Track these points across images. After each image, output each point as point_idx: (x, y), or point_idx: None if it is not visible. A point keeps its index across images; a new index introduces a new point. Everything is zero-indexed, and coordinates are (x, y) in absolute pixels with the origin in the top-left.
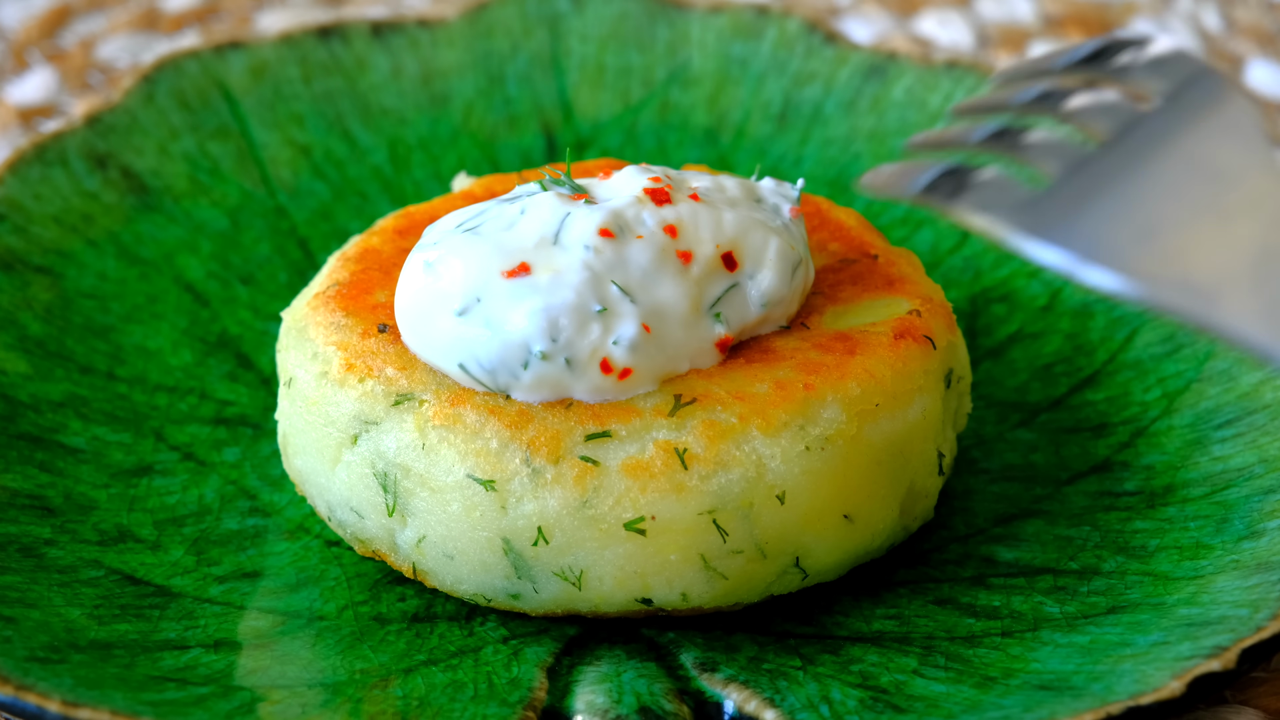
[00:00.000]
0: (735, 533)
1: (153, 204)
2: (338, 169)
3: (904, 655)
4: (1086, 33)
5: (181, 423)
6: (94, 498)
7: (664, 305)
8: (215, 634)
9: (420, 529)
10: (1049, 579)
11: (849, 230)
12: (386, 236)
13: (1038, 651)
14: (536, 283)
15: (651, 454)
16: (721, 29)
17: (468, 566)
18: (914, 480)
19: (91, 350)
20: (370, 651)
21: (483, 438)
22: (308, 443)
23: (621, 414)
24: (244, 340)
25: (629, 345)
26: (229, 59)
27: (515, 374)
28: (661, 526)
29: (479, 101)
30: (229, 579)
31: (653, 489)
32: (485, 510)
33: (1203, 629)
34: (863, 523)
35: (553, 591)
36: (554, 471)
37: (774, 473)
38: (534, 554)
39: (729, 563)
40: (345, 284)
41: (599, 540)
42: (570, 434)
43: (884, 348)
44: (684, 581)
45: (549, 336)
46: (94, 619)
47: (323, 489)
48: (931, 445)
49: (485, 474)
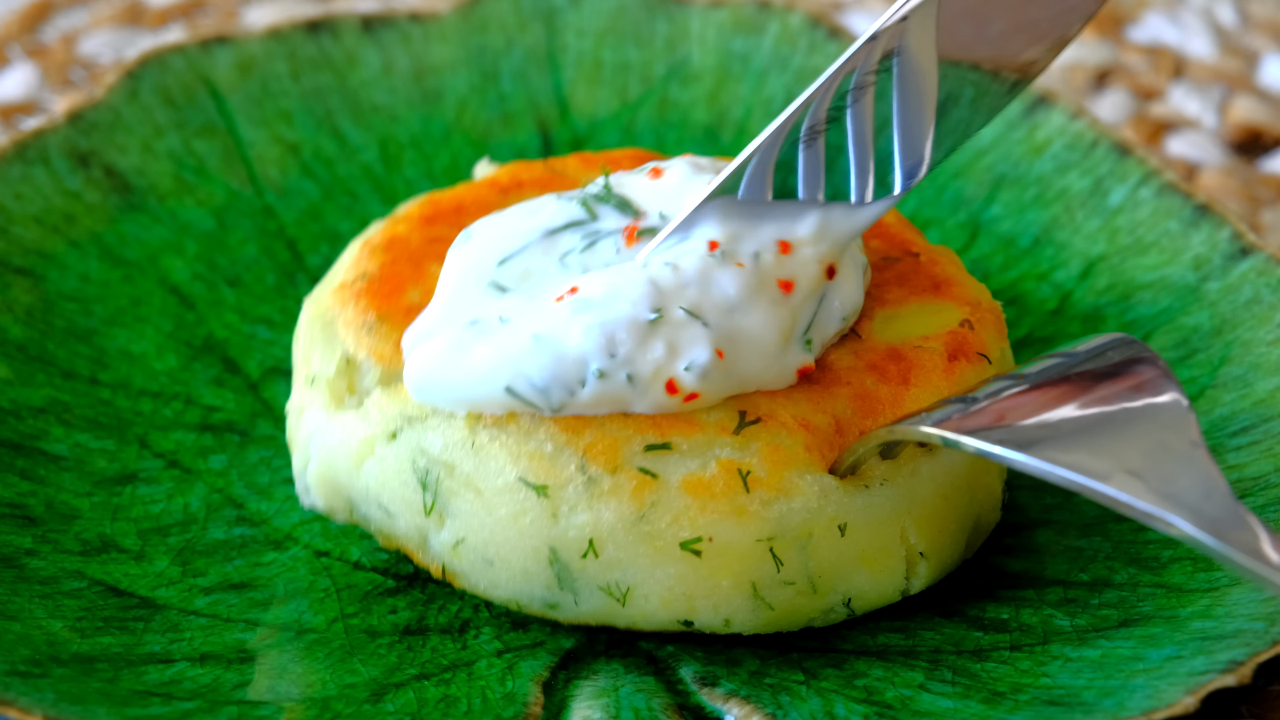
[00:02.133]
0: (790, 563)
1: (137, 204)
2: (327, 168)
3: (910, 669)
4: (1096, 28)
5: (166, 429)
6: (76, 506)
7: (749, 333)
8: (201, 647)
9: (459, 531)
10: (1059, 591)
11: (888, 227)
12: (413, 224)
13: (1048, 666)
14: (589, 298)
15: (714, 473)
16: (722, 23)
17: (507, 573)
18: (980, 515)
19: (74, 354)
20: (360, 665)
21: (537, 439)
22: (334, 434)
23: (683, 426)
24: (230, 344)
25: (700, 372)
26: (215, 54)
27: (571, 392)
28: (718, 549)
29: (472, 98)
30: (215, 590)
31: (713, 509)
32: (535, 517)
33: (1217, 643)
34: (934, 560)
35: (593, 605)
36: (611, 482)
37: (837, 504)
38: (581, 566)
39: (778, 593)
40: (375, 277)
41: (652, 558)
42: (629, 442)
43: (939, 372)
44: (730, 607)
45: (607, 352)
46: (76, 631)
47: (343, 485)
48: (995, 475)
49: (538, 479)
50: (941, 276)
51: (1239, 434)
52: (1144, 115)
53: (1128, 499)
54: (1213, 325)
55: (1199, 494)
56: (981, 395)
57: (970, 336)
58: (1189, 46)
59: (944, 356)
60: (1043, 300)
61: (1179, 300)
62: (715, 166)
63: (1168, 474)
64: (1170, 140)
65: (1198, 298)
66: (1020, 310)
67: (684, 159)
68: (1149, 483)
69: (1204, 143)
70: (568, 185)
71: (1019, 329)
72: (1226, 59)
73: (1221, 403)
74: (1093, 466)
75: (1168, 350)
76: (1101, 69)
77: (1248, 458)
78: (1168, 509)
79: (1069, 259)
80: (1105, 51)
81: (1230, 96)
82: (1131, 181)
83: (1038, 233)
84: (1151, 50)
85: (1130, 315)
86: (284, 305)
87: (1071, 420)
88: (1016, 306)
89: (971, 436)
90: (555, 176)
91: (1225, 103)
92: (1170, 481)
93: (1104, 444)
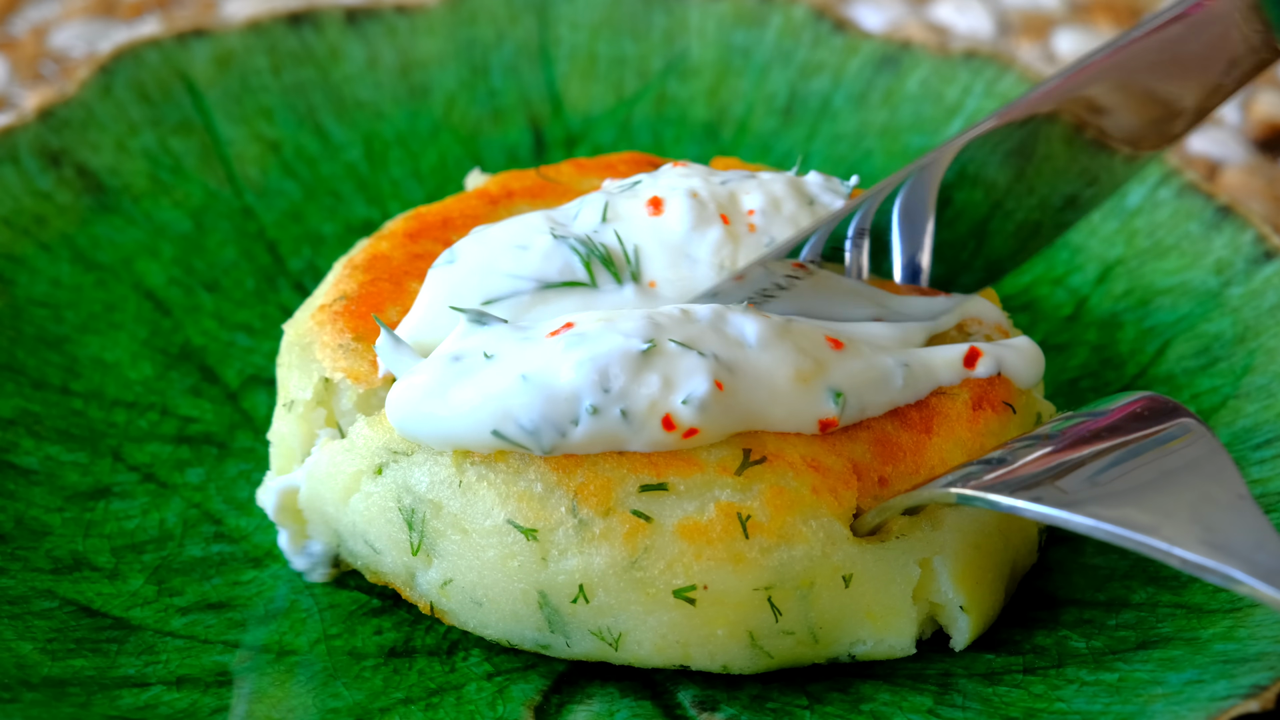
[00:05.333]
0: (790, 613)
1: (110, 204)
2: (309, 167)
3: (918, 693)
4: (1114, 19)
5: (141, 441)
6: (47, 522)
7: (756, 367)
8: (178, 670)
9: (447, 572)
10: (1074, 611)
11: None
12: (397, 241)
13: (1062, 690)
14: (584, 333)
15: (711, 517)
16: (722, 16)
17: (496, 614)
18: (1016, 560)
19: (44, 363)
20: (344, 689)
21: (526, 479)
22: (319, 467)
23: (681, 465)
24: (208, 352)
25: (699, 405)
26: (192, 48)
27: (563, 432)
28: (713, 598)
29: (461, 94)
30: (192, 610)
31: (709, 556)
32: (524, 561)
33: (1240, 666)
34: (976, 612)
35: (586, 648)
36: (603, 525)
37: (844, 554)
38: (571, 611)
39: (777, 642)
40: (353, 297)
41: (644, 605)
42: (623, 483)
43: (963, 421)
44: (726, 655)
45: (600, 388)
46: (47, 654)
47: (331, 518)
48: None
49: (527, 521)
50: None
51: (1263, 446)
52: None
53: (1180, 552)
54: (1235, 332)
55: (1251, 544)
56: (1011, 455)
57: (997, 385)
58: None
59: (969, 405)
60: (1058, 306)
61: (1200, 306)
62: (708, 177)
63: (1217, 525)
64: (1191, 137)
65: (1220, 303)
66: (1034, 316)
67: (680, 179)
68: (1199, 535)
69: (1226, 140)
70: (561, 194)
71: (1033, 335)
72: None
73: (1244, 414)
74: (1140, 520)
75: (1188, 358)
76: None
77: (1272, 471)
78: (1223, 561)
79: (1085, 263)
80: None
81: (1253, 92)
82: (1151, 182)
83: None
84: None
85: (1149, 322)
86: (264, 311)
87: (1111, 477)
88: (1030, 312)
89: (1011, 496)
90: (549, 185)
91: (1248, 98)
92: (1220, 533)
93: (1148, 498)
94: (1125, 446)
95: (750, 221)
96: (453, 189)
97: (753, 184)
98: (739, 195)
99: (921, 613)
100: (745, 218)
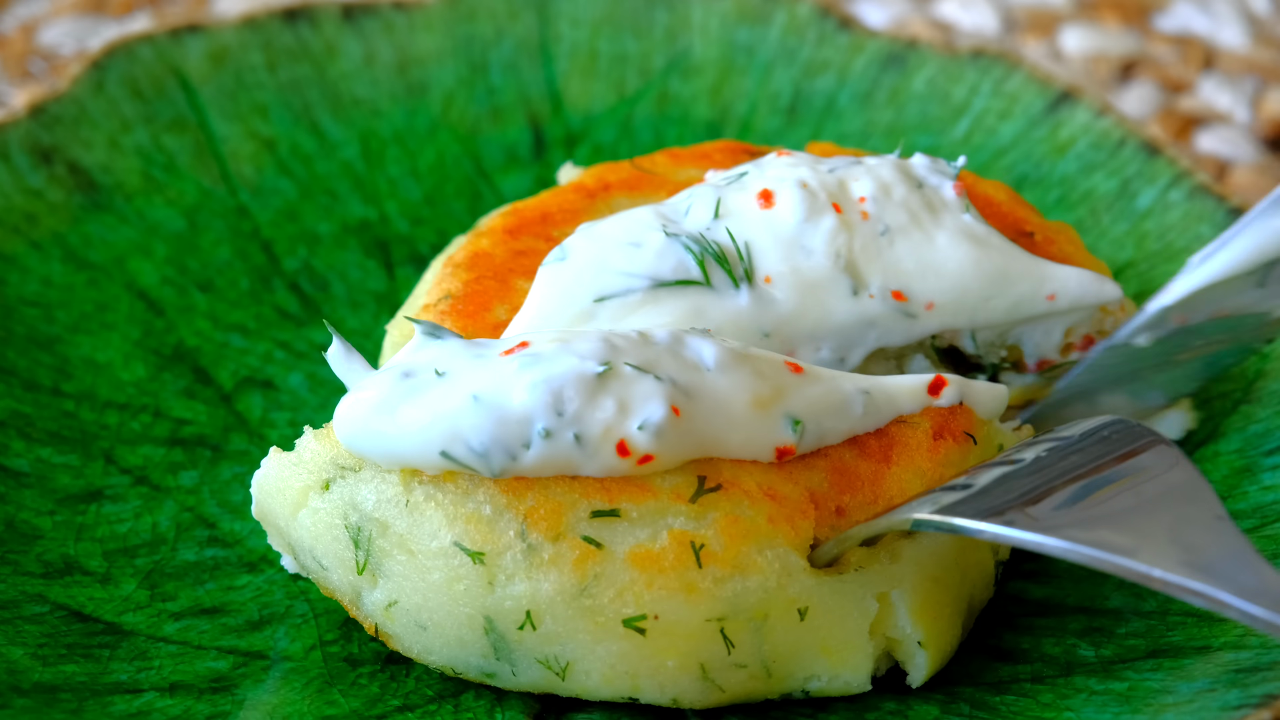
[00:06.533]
0: (743, 645)
1: (102, 203)
2: (305, 165)
3: (925, 703)
4: (1122, 16)
5: (134, 443)
6: (38, 526)
7: (713, 393)
8: (171, 676)
9: (392, 593)
10: (1083, 619)
11: (1000, 205)
12: (497, 238)
13: (1071, 699)
14: (539, 353)
15: (664, 545)
16: (725, 13)
17: (441, 639)
18: (973, 594)
19: (35, 363)
20: (340, 696)
21: (475, 501)
22: (268, 480)
23: (634, 491)
24: (202, 352)
25: (655, 430)
26: (186, 44)
27: (514, 455)
28: (663, 628)
29: (460, 92)
30: (186, 615)
31: (660, 585)
32: (470, 584)
33: (1252, 675)
34: (934, 647)
35: (532, 677)
36: (551, 550)
37: (800, 586)
38: (518, 638)
39: (729, 676)
40: (459, 296)
41: (592, 634)
42: (574, 508)
43: (923, 451)
44: (677, 687)
45: (554, 410)
46: (38, 659)
47: (283, 531)
48: (987, 550)
49: (474, 544)
50: (1059, 257)
51: (1275, 452)
52: (1172, 109)
53: (1161, 574)
54: None
55: (1233, 564)
56: (975, 481)
57: (958, 414)
58: (1220, 36)
59: (929, 434)
60: None
61: None
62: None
63: (1197, 546)
64: (1200, 136)
65: None
66: None
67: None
68: (1179, 556)
69: (1236, 138)
70: (658, 185)
71: None
72: (1260, 49)
73: (1256, 419)
74: (1117, 543)
75: None
76: (1127, 60)
77: None
78: (1206, 581)
79: None
80: (1131, 42)
81: (1264, 89)
82: (1161, 183)
83: None
84: (1180, 40)
85: None
86: (259, 311)
87: (1082, 501)
88: None
89: (985, 522)
90: (645, 177)
91: (1259, 96)
92: (1201, 553)
93: (1123, 521)
94: (1096, 471)
95: (863, 209)
96: (451, 188)
97: (860, 170)
98: (848, 182)
99: (878, 647)
100: (857, 205)
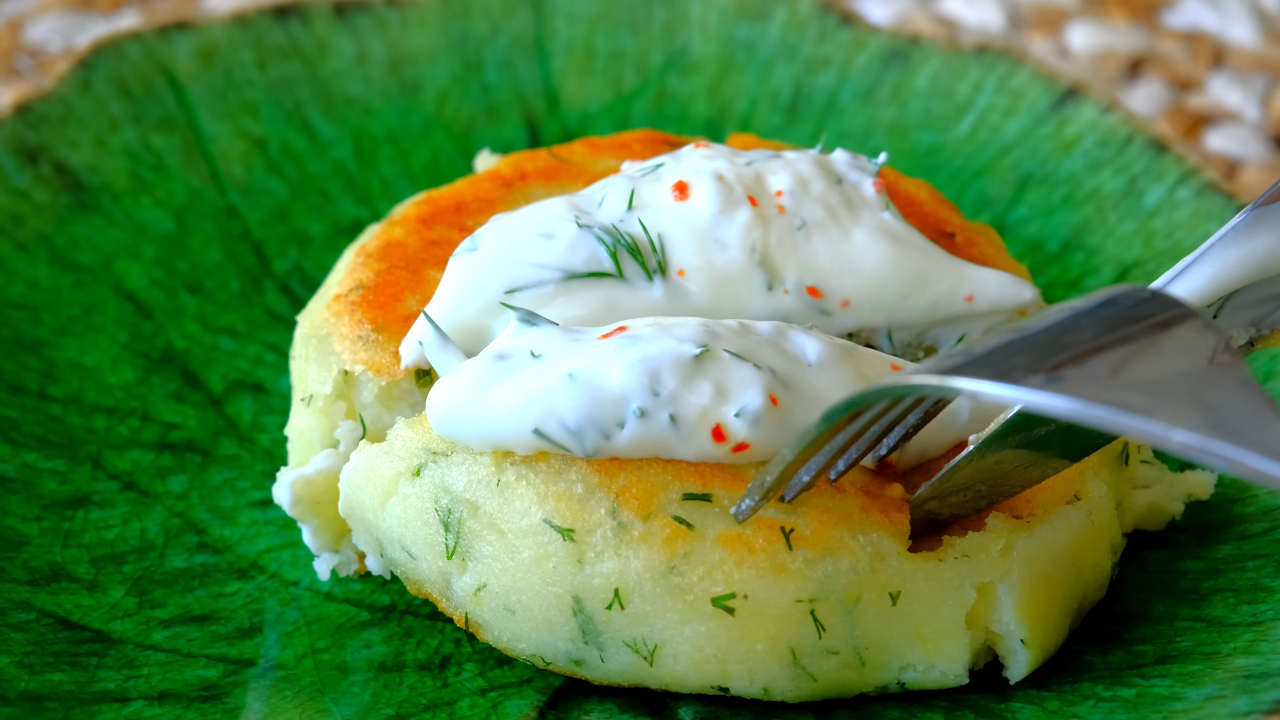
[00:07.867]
0: (834, 630)
1: (89, 203)
2: (296, 164)
3: (929, 710)
4: (1130, 13)
5: (122, 448)
6: (24, 532)
7: (813, 386)
8: (159, 685)
9: (481, 576)
10: (1090, 624)
11: (921, 205)
12: (410, 227)
13: (1078, 706)
14: (637, 335)
15: (754, 529)
16: (725, 9)
17: (530, 624)
18: (1085, 595)
19: (21, 367)
20: (332, 704)
21: (567, 480)
22: (358, 472)
23: (727, 479)
24: (191, 356)
25: (752, 419)
26: (174, 42)
27: (608, 434)
28: (753, 608)
29: (454, 89)
30: (175, 623)
31: (750, 564)
32: (559, 562)
33: (1262, 681)
34: (1037, 648)
35: (621, 663)
36: (642, 529)
37: (893, 570)
38: (606, 618)
39: (821, 663)
40: (370, 286)
41: (680, 613)
42: (666, 489)
43: None
44: (767, 675)
45: (649, 390)
46: (24, 668)
47: (370, 524)
48: (1105, 550)
49: (564, 521)
50: (979, 260)
51: None
52: (1181, 107)
53: (1181, 434)
54: None
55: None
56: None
57: None
58: (1229, 33)
59: None
60: None
61: None
62: (732, 158)
63: (1219, 407)
64: (1209, 134)
65: None
66: None
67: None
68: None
69: (1245, 137)
70: (575, 175)
71: None
72: (1270, 47)
73: None
74: (1134, 402)
75: None
76: (1135, 57)
77: None
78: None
79: (1101, 264)
80: (1139, 38)
81: (1274, 87)
82: (1169, 181)
83: (1067, 236)
84: (1189, 37)
85: None
86: (249, 314)
87: (1098, 360)
88: None
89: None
90: (563, 166)
91: (1269, 94)
92: (1223, 414)
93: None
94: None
95: (779, 203)
96: None
97: (778, 164)
98: (765, 176)
99: (976, 640)
100: (774, 199)
